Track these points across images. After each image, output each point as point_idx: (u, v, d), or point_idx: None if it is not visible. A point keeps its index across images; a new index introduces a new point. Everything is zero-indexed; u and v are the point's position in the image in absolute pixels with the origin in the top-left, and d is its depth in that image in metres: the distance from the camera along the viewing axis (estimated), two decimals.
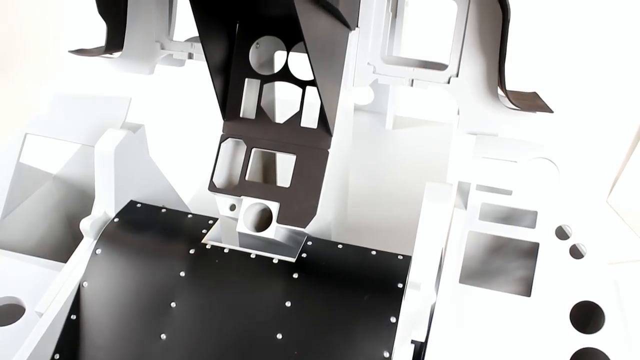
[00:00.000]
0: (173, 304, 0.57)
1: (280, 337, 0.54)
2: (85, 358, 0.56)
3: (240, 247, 0.61)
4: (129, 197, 0.67)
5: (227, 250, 0.59)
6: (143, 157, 0.69)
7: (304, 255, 0.59)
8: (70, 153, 0.85)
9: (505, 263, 0.71)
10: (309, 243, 0.60)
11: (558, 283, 0.59)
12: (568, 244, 0.60)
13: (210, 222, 0.63)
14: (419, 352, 0.53)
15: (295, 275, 0.57)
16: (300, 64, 0.61)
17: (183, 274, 0.58)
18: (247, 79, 0.65)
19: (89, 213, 0.64)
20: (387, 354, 0.52)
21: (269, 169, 0.80)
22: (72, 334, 0.57)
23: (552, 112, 0.64)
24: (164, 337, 0.55)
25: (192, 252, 0.59)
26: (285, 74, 0.65)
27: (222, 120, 0.65)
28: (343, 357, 0.52)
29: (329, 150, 0.62)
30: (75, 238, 0.72)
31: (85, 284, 0.59)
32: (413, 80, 0.66)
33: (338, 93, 0.64)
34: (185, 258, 0.59)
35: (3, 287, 0.64)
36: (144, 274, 0.58)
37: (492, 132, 0.65)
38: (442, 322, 0.55)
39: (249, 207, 0.63)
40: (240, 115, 0.65)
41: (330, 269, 0.58)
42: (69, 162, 0.85)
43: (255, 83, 0.65)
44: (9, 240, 0.74)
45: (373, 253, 0.59)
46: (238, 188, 0.64)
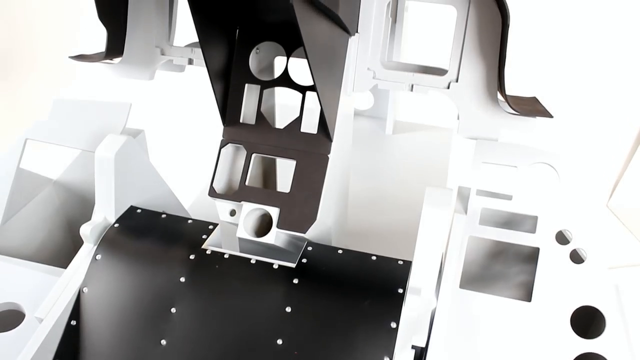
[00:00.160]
0: (173, 310, 0.57)
1: (281, 342, 0.54)
2: None
3: (241, 252, 0.61)
4: (129, 202, 0.67)
5: (227, 256, 0.59)
6: (143, 162, 0.69)
7: (304, 261, 0.59)
8: (71, 158, 0.85)
9: (506, 268, 0.70)
10: (309, 248, 0.60)
11: (558, 288, 0.59)
12: (568, 249, 0.60)
13: (211, 227, 0.63)
14: (420, 357, 0.53)
15: (296, 281, 0.57)
16: (300, 70, 0.61)
17: (183, 280, 0.58)
18: (247, 85, 0.65)
19: (89, 218, 0.64)
20: None
21: (269, 175, 0.80)
22: (72, 340, 0.57)
23: (551, 117, 0.64)
24: (164, 342, 0.55)
25: (192, 257, 0.59)
26: (285, 80, 0.65)
27: (222, 126, 0.66)
28: None
29: (329, 156, 0.62)
30: (76, 243, 0.72)
31: (86, 290, 0.59)
32: (413, 86, 0.66)
33: (338, 98, 0.64)
34: (186, 263, 0.59)
35: (3, 292, 0.64)
36: (144, 280, 0.58)
37: (492, 137, 0.65)
38: (442, 327, 0.55)
39: (249, 212, 0.63)
40: (241, 121, 0.65)
41: (331, 274, 0.58)
42: (69, 167, 0.85)
43: (255, 88, 0.65)
44: (9, 246, 0.74)
45: (373, 258, 0.59)
46: (238, 193, 0.64)
